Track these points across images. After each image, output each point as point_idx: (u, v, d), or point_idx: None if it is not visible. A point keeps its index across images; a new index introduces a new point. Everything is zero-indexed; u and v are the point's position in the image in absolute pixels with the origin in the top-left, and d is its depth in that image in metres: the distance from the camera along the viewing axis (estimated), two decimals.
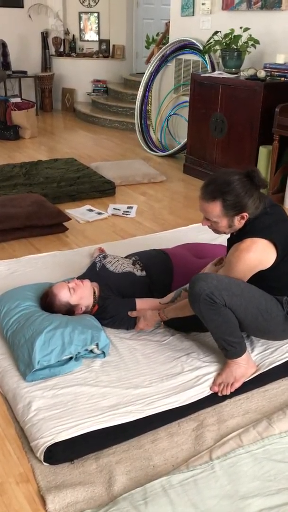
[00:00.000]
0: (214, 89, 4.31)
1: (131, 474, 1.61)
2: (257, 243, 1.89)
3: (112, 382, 1.94)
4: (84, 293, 2.22)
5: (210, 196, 1.90)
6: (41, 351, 1.93)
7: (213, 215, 1.92)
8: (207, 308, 1.85)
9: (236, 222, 1.94)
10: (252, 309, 1.90)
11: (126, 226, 3.61)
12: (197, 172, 4.73)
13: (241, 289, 1.89)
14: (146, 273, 2.39)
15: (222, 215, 1.91)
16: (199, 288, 1.85)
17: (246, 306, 1.89)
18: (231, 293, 1.85)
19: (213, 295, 1.83)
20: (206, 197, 1.91)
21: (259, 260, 1.91)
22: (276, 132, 3.77)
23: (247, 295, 1.89)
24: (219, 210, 1.90)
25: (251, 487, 1.53)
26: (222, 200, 1.88)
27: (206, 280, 1.86)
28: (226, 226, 1.96)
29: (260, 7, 4.24)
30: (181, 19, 5.16)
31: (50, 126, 7.08)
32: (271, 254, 1.91)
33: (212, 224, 1.99)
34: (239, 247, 1.90)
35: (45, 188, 4.08)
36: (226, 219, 1.93)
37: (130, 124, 6.55)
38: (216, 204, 1.89)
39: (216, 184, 1.90)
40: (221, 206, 1.89)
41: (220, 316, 1.86)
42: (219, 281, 1.87)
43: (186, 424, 1.81)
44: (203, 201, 1.93)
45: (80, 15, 7.76)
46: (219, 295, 1.83)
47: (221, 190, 1.88)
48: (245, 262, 1.90)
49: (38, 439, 1.67)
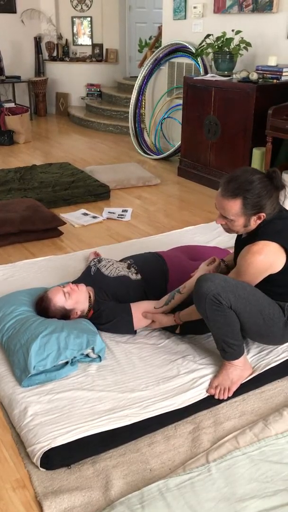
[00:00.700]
0: (207, 92, 4.33)
1: (128, 478, 1.60)
2: (270, 246, 1.89)
3: (108, 386, 1.94)
4: (79, 297, 2.22)
5: (231, 194, 1.87)
6: (37, 356, 1.93)
7: (231, 213, 1.89)
8: (213, 309, 1.85)
9: (252, 222, 1.92)
10: (256, 313, 1.91)
11: (121, 230, 3.61)
12: (191, 175, 4.74)
13: (247, 292, 1.89)
14: (141, 277, 2.39)
15: (241, 214, 1.89)
16: (207, 288, 1.85)
17: (250, 309, 1.89)
18: (237, 296, 1.86)
19: (219, 296, 1.83)
20: (227, 194, 1.88)
21: (270, 263, 1.91)
22: (269, 134, 3.78)
23: (252, 299, 1.90)
24: (239, 209, 1.87)
25: (248, 489, 1.53)
26: (243, 198, 1.85)
27: (213, 280, 1.86)
28: (242, 225, 1.93)
29: (252, 10, 4.26)
30: (173, 23, 5.18)
31: (45, 130, 7.08)
32: (281, 258, 1.91)
33: (227, 223, 1.95)
34: (251, 250, 1.89)
35: (39, 193, 4.08)
36: (244, 218, 1.90)
37: (124, 128, 6.56)
38: (236, 202, 1.87)
39: (238, 182, 1.87)
40: (241, 204, 1.86)
41: (224, 318, 1.86)
42: (226, 282, 1.87)
43: (183, 427, 1.81)
44: (222, 198, 1.90)
45: (73, 20, 7.78)
46: (226, 297, 1.83)
47: (243, 188, 1.85)
48: (257, 265, 1.89)
49: (35, 444, 1.66)
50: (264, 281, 1.95)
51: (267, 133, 3.80)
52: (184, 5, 4.98)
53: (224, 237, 3.32)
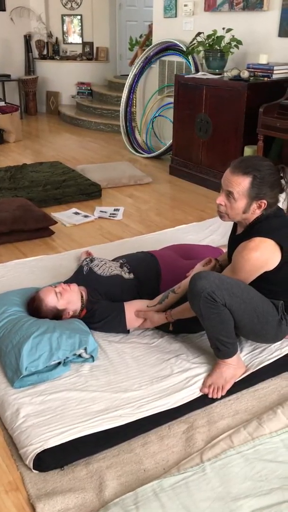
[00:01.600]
0: (198, 90, 4.32)
1: (122, 479, 1.59)
2: (266, 243, 1.88)
3: (101, 387, 1.93)
4: (71, 297, 2.20)
5: (243, 170, 1.86)
6: (29, 357, 1.91)
7: (238, 189, 1.87)
8: (207, 307, 1.85)
9: (252, 209, 1.91)
10: (250, 311, 1.90)
11: (113, 229, 3.60)
12: (183, 173, 4.73)
13: (241, 290, 1.89)
14: (134, 276, 2.38)
15: (246, 194, 1.87)
16: (201, 286, 1.84)
17: (244, 307, 1.89)
18: (232, 294, 1.85)
19: (214, 294, 1.82)
20: (237, 170, 1.87)
21: (266, 260, 1.90)
22: (261, 132, 3.78)
23: (246, 297, 1.89)
24: (246, 187, 1.86)
25: (243, 488, 1.53)
26: (253, 177, 1.85)
27: (208, 278, 1.85)
28: (242, 209, 1.91)
29: (242, 8, 4.26)
30: (164, 21, 5.17)
31: (35, 129, 7.04)
32: (276, 255, 1.91)
33: (227, 203, 1.92)
34: (248, 246, 1.89)
35: (30, 192, 4.05)
36: (246, 200, 1.88)
37: (115, 126, 6.54)
38: (246, 179, 1.86)
39: (250, 162, 1.89)
40: (250, 183, 1.85)
41: (219, 316, 1.86)
42: (221, 280, 1.86)
43: (177, 427, 1.80)
44: (233, 173, 1.88)
45: (63, 18, 7.73)
46: (220, 295, 1.83)
47: (255, 168, 1.86)
48: (252, 262, 1.89)
49: (27, 446, 1.65)
50: (259, 279, 1.95)
51: (258, 131, 3.80)
52: (175, 3, 4.97)
53: (217, 236, 3.32)
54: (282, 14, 3.96)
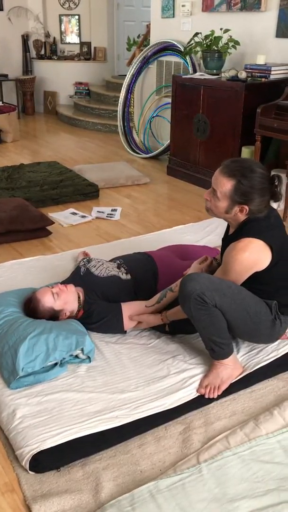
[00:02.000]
0: (196, 91, 4.32)
1: (118, 480, 1.59)
2: (254, 243, 1.88)
3: (98, 387, 1.92)
4: (68, 298, 2.20)
5: (229, 172, 1.87)
6: (25, 358, 1.91)
7: (221, 190, 1.88)
8: (197, 308, 1.85)
9: (234, 211, 1.91)
10: (242, 312, 1.90)
11: (110, 229, 3.59)
12: (180, 174, 4.73)
13: (232, 290, 1.89)
14: (131, 276, 2.37)
15: (228, 196, 1.88)
16: (191, 288, 1.84)
17: (236, 308, 1.88)
18: (222, 294, 1.85)
19: (204, 295, 1.82)
20: (224, 171, 1.88)
21: (255, 260, 1.90)
22: (258, 132, 3.78)
23: (237, 297, 1.89)
24: (228, 190, 1.87)
25: (239, 489, 1.53)
26: (237, 182, 1.85)
27: (197, 280, 1.85)
28: (224, 209, 1.92)
29: (240, 8, 4.26)
30: (162, 21, 5.16)
31: (33, 129, 7.03)
32: (266, 255, 1.91)
33: (212, 200, 1.94)
34: (236, 247, 1.89)
35: (27, 192, 4.04)
36: (228, 202, 1.89)
37: (113, 126, 6.53)
38: (230, 182, 1.86)
39: (241, 164, 1.88)
40: (233, 186, 1.86)
41: (210, 317, 1.86)
42: (211, 281, 1.86)
43: (173, 428, 1.80)
44: (220, 173, 1.90)
45: (61, 18, 7.73)
46: (210, 296, 1.83)
47: (242, 172, 1.85)
48: (242, 262, 1.89)
49: (23, 447, 1.64)
50: (251, 279, 1.94)
51: (256, 131, 3.80)
52: (173, 4, 4.96)
53: (214, 236, 3.32)
54: (279, 15, 3.97)
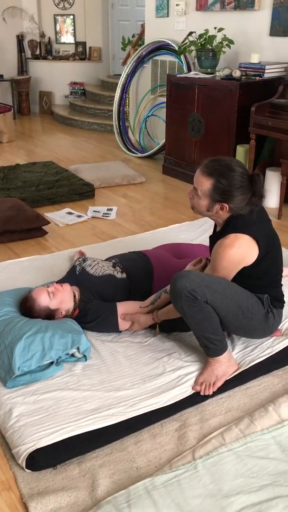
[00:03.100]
0: (191, 90, 4.33)
1: (114, 477, 1.60)
2: (241, 239, 1.90)
3: (94, 386, 1.93)
4: (64, 297, 2.20)
5: (208, 172, 1.90)
6: (21, 357, 1.91)
7: (201, 189, 1.92)
8: (189, 305, 1.86)
9: (215, 209, 1.94)
10: (233, 307, 1.91)
11: (106, 228, 3.60)
12: (176, 173, 4.74)
13: (223, 286, 1.90)
14: (126, 275, 2.38)
15: (207, 195, 1.91)
16: (181, 285, 1.85)
17: (227, 303, 1.90)
18: (213, 290, 1.86)
19: (194, 291, 1.84)
20: (204, 170, 1.91)
21: (242, 255, 1.92)
22: (253, 131, 3.80)
23: (228, 293, 1.90)
24: (207, 189, 1.90)
25: (234, 485, 1.54)
26: (216, 181, 1.88)
27: (188, 277, 1.87)
28: (205, 207, 1.96)
29: (234, 7, 4.27)
30: (156, 20, 5.17)
31: (28, 129, 7.03)
32: (253, 250, 1.92)
33: (195, 198, 1.98)
34: (223, 243, 1.91)
35: (23, 192, 4.05)
36: (208, 200, 1.92)
37: (109, 126, 6.54)
38: (208, 181, 1.89)
39: (219, 163, 1.90)
40: (211, 186, 1.89)
41: (202, 313, 1.87)
42: (201, 278, 1.88)
43: (169, 425, 1.81)
44: (200, 172, 1.93)
45: (56, 18, 7.73)
46: (201, 292, 1.84)
47: (220, 171, 1.88)
48: (229, 258, 1.90)
49: (20, 445, 1.65)
50: (241, 274, 1.96)
51: (250, 130, 3.81)
52: (167, 3, 4.97)
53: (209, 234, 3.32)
54: (273, 14, 3.98)
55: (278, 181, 3.74)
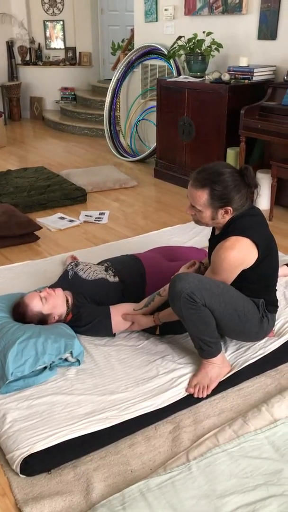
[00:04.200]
0: (180, 93, 4.36)
1: (109, 481, 1.60)
2: (241, 241, 1.91)
3: (87, 390, 1.94)
4: (56, 302, 2.21)
5: (200, 183, 1.90)
6: (14, 362, 1.91)
7: (199, 203, 1.92)
8: (187, 307, 1.87)
9: (219, 215, 1.94)
10: (230, 310, 1.93)
11: (98, 233, 3.61)
12: (167, 176, 4.76)
13: (221, 289, 1.91)
14: (119, 279, 2.39)
15: (208, 205, 1.91)
16: (181, 287, 1.86)
17: (225, 306, 1.91)
18: (211, 293, 1.87)
19: (193, 294, 1.84)
20: (195, 184, 1.91)
21: (243, 258, 1.93)
22: (243, 134, 3.82)
23: (226, 296, 1.92)
24: (206, 199, 1.90)
25: (228, 485, 1.55)
26: (210, 189, 1.88)
27: (187, 279, 1.87)
28: (209, 217, 1.96)
29: (222, 11, 4.31)
30: (145, 25, 5.20)
31: (20, 135, 7.03)
32: (253, 253, 1.94)
33: (196, 214, 1.98)
34: (224, 245, 1.92)
35: (15, 198, 4.05)
36: (211, 210, 1.93)
37: (100, 131, 6.56)
38: (204, 192, 1.89)
39: (207, 172, 1.91)
40: (208, 195, 1.89)
41: (199, 316, 1.88)
42: (200, 280, 1.89)
43: (163, 427, 1.82)
44: (191, 187, 1.93)
45: (45, 24, 7.75)
46: (200, 295, 1.85)
47: (211, 179, 1.88)
48: (230, 260, 1.91)
49: (14, 451, 1.65)
50: (238, 278, 1.97)
51: (240, 133, 3.84)
52: (156, 8, 5.00)
53: (201, 237, 3.35)
54: (260, 18, 4.02)
55: (269, 183, 3.77)
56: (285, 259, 2.88)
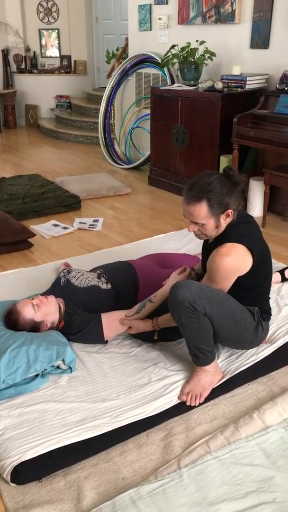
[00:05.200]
0: (174, 101, 4.39)
1: (100, 489, 1.60)
2: (237, 248, 1.92)
3: (79, 397, 1.93)
4: (49, 309, 2.20)
5: (195, 198, 1.90)
6: (6, 370, 1.91)
7: (201, 217, 1.92)
8: (188, 316, 1.86)
9: (222, 220, 1.94)
10: (228, 319, 1.93)
11: (92, 240, 3.61)
12: (161, 183, 4.78)
13: (220, 298, 1.91)
14: (111, 286, 2.39)
15: (209, 215, 1.91)
16: (182, 295, 1.86)
17: (224, 315, 1.91)
18: (212, 302, 1.88)
19: (195, 303, 1.84)
20: (191, 200, 1.91)
21: (239, 264, 1.94)
22: (235, 141, 3.85)
23: (225, 305, 1.92)
24: (206, 211, 1.90)
25: (219, 493, 1.54)
26: (208, 200, 1.88)
27: (189, 287, 1.87)
28: (214, 226, 1.95)
29: (215, 21, 4.35)
30: (139, 34, 5.25)
31: (15, 142, 7.05)
32: (248, 260, 1.94)
33: (199, 228, 1.97)
34: (219, 252, 1.92)
35: (9, 205, 4.05)
36: (213, 218, 1.92)
37: (95, 138, 6.59)
38: (202, 205, 1.89)
39: (198, 186, 1.91)
40: (207, 206, 1.89)
41: (199, 324, 1.88)
42: (201, 289, 1.89)
43: (155, 434, 1.81)
44: (188, 205, 1.92)
45: (41, 32, 7.79)
46: (201, 304, 1.85)
47: (205, 191, 1.89)
48: (226, 267, 1.91)
49: (4, 459, 1.64)
50: (233, 285, 1.98)
51: (233, 140, 3.86)
52: (149, 17, 5.05)
53: (194, 244, 3.35)
54: (253, 27, 4.06)
55: (262, 190, 3.79)
56: (278, 266, 2.89)
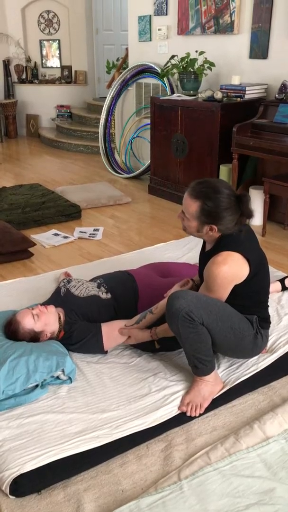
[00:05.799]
0: (174, 111, 4.41)
1: (99, 501, 1.58)
2: (233, 256, 1.92)
3: (79, 408, 1.92)
4: (48, 319, 2.20)
5: (194, 194, 1.91)
6: (6, 381, 1.90)
7: (188, 212, 1.94)
8: (185, 326, 1.86)
9: (204, 230, 1.95)
10: (227, 329, 1.93)
11: (92, 249, 3.62)
12: (161, 192, 4.79)
13: (218, 307, 1.91)
14: (111, 295, 2.39)
15: (195, 217, 1.92)
16: (179, 305, 1.85)
17: (221, 325, 1.91)
18: (209, 312, 1.87)
19: (192, 313, 1.84)
20: (191, 193, 1.93)
21: (235, 273, 1.93)
22: (235, 151, 3.86)
23: (223, 314, 1.91)
24: (194, 211, 1.91)
25: (220, 505, 1.53)
26: (202, 203, 1.89)
27: (185, 297, 1.87)
28: (195, 228, 1.97)
29: (214, 31, 4.39)
30: (139, 44, 5.29)
31: (16, 152, 7.08)
32: (245, 268, 1.94)
33: (184, 220, 2.00)
34: (216, 260, 1.92)
35: (9, 215, 4.06)
36: (197, 222, 1.94)
37: (95, 148, 6.62)
38: (195, 204, 1.90)
39: (205, 185, 1.92)
40: (198, 208, 1.90)
41: (197, 334, 1.87)
42: (198, 299, 1.88)
43: (155, 445, 1.80)
44: (187, 194, 1.95)
45: (42, 43, 7.86)
46: (198, 314, 1.85)
47: (206, 193, 1.89)
48: (223, 275, 1.91)
49: (4, 471, 1.63)
50: (230, 294, 1.97)
51: (232, 150, 3.88)
52: (149, 28, 5.09)
53: (195, 253, 3.35)
54: (251, 37, 4.09)
55: (262, 199, 3.80)
56: (278, 275, 2.89)
